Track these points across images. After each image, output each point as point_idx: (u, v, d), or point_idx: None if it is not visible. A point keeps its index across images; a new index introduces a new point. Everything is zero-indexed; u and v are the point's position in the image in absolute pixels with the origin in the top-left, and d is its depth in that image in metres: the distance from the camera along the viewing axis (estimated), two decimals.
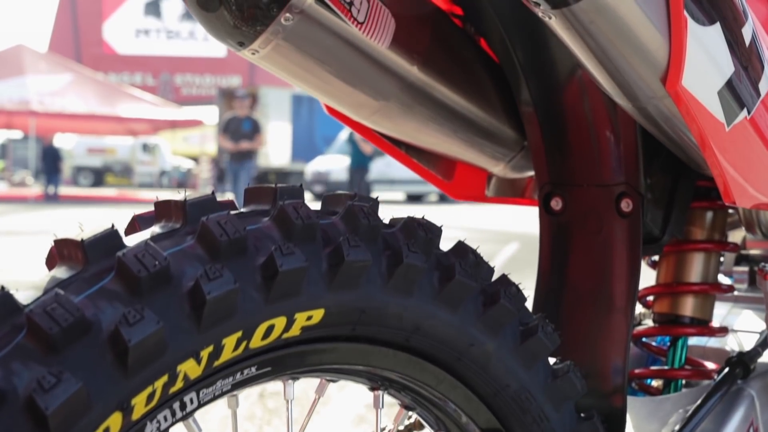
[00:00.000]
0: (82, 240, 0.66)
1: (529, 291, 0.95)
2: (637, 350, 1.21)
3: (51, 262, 0.70)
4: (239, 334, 0.67)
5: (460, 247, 0.83)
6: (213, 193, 0.73)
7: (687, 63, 0.74)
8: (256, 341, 0.68)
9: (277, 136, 22.07)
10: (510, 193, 1.20)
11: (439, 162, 1.13)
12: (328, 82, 0.95)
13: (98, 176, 29.56)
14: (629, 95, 0.83)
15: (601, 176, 1.00)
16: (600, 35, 0.73)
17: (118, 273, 0.63)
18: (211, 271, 0.64)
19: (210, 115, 25.17)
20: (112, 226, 0.69)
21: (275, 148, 26.17)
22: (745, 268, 1.44)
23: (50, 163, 20.68)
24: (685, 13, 0.72)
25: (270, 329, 0.69)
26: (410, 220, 0.79)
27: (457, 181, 1.15)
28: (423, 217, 0.82)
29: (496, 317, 0.81)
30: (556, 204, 1.04)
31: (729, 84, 0.80)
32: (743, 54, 0.81)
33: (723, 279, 1.29)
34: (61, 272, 0.66)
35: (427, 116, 1.00)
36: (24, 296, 0.63)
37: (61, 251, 0.68)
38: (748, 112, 0.84)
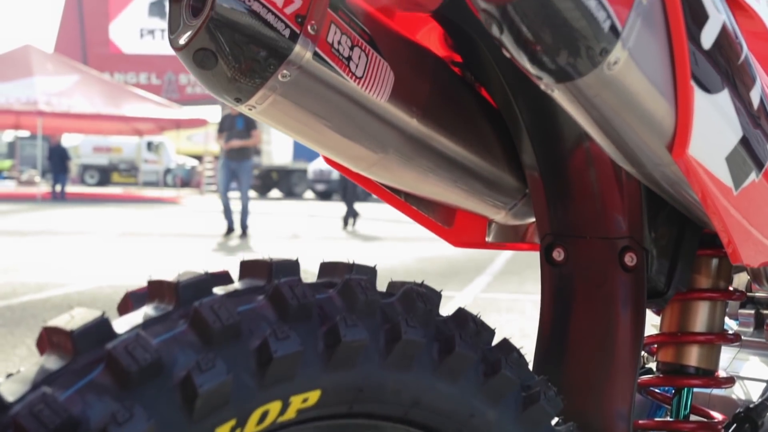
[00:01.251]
0: (71, 330, 0.63)
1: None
2: (640, 396, 1.18)
3: (42, 347, 0.67)
4: (233, 422, 0.64)
5: (460, 315, 0.79)
6: (206, 272, 0.70)
7: (694, 131, 0.71)
8: (251, 427, 0.65)
9: (279, 135, 22.03)
10: (511, 238, 1.17)
11: (438, 209, 1.09)
12: (326, 135, 0.92)
13: (104, 174, 29.57)
14: (634, 162, 0.80)
15: (604, 229, 0.97)
16: (605, 107, 0.69)
17: (107, 366, 0.60)
18: (203, 362, 0.61)
19: (214, 114, 25.15)
20: (102, 314, 0.65)
21: (277, 147, 26.11)
22: (751, 311, 1.40)
23: (58, 162, 20.68)
24: (692, 82, 0.69)
25: (265, 415, 0.66)
26: (409, 290, 0.76)
27: (457, 228, 1.12)
28: (423, 283, 0.79)
29: (498, 387, 0.78)
30: (558, 255, 1.01)
31: (737, 148, 0.77)
32: (752, 117, 0.78)
33: (729, 322, 1.26)
34: (49, 362, 0.62)
35: (427, 167, 0.97)
36: (11, 390, 0.60)
37: (51, 339, 0.65)
38: (757, 174, 0.81)
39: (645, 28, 0.65)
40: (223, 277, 0.73)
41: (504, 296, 6.15)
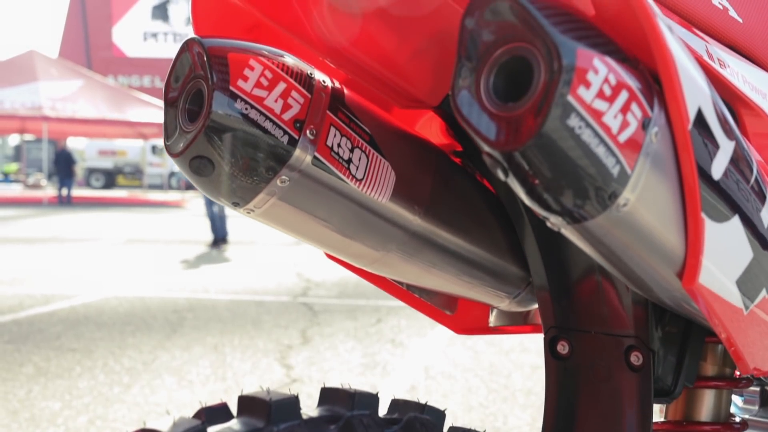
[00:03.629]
0: None
1: None
2: None
3: None
4: None
5: None
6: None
7: (704, 261, 0.67)
8: None
9: None
10: (515, 321, 1.14)
11: (441, 295, 1.06)
12: (325, 235, 0.89)
13: (110, 177, 29.57)
14: (642, 287, 0.77)
15: (609, 325, 0.94)
16: (613, 244, 0.66)
17: None
18: None
19: None
20: None
21: None
22: (756, 388, 1.37)
23: (64, 166, 20.68)
24: (702, 214, 0.66)
25: None
26: (412, 419, 0.73)
27: (459, 315, 1.09)
28: (426, 405, 0.76)
29: None
30: (563, 348, 0.97)
31: (748, 270, 0.74)
32: (763, 238, 0.75)
33: (734, 398, 1.23)
34: None
35: (430, 262, 0.94)
36: None
37: None
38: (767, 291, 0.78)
39: (655, 167, 0.62)
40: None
41: None
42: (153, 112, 21.83)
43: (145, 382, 3.98)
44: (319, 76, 0.83)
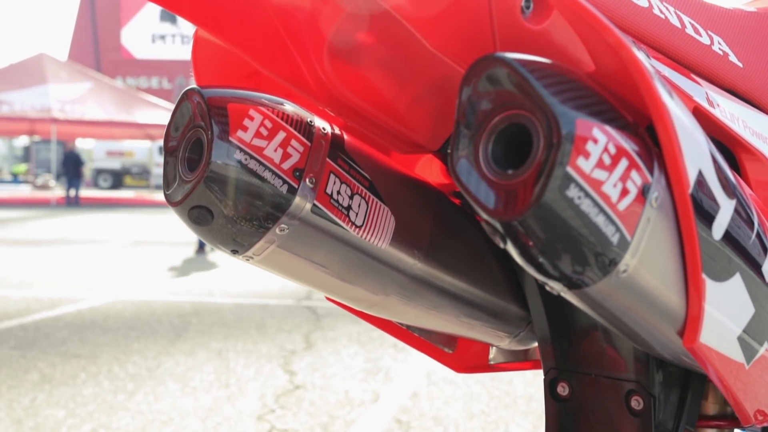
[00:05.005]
0: None
1: None
2: None
3: None
4: None
5: None
6: None
7: (705, 321, 0.66)
8: None
9: None
10: (515, 359, 1.13)
11: (440, 334, 1.05)
12: (325, 280, 0.88)
13: (117, 178, 29.62)
14: (643, 345, 0.76)
15: (610, 368, 0.92)
16: (613, 306, 0.65)
17: None
18: None
19: None
20: None
21: None
22: (758, 427, 1.35)
23: (72, 168, 20.70)
24: (704, 275, 0.64)
25: None
26: None
27: (459, 353, 1.07)
28: None
29: None
30: (563, 390, 0.96)
31: (749, 326, 0.72)
32: (764, 292, 0.73)
33: None
34: None
35: (429, 304, 0.93)
36: None
37: None
38: None
39: (655, 232, 0.61)
40: None
41: None
42: (160, 113, 21.85)
43: (149, 389, 3.98)
44: (319, 123, 0.82)
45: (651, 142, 0.62)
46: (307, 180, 0.79)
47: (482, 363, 1.11)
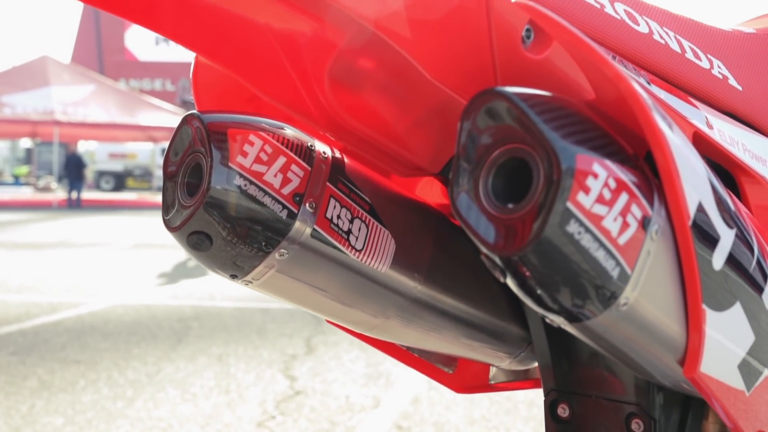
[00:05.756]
0: None
1: None
2: None
3: None
4: None
5: None
6: None
7: (705, 351, 0.66)
8: None
9: None
10: (515, 378, 1.12)
11: (440, 354, 1.05)
12: (324, 304, 0.88)
13: (119, 180, 29.63)
14: (643, 374, 0.75)
15: (610, 390, 0.92)
16: (614, 338, 0.65)
17: None
18: None
19: None
20: None
21: None
22: None
23: (74, 170, 20.71)
24: (704, 305, 0.64)
25: None
26: None
27: (459, 373, 1.07)
28: None
29: None
30: (563, 411, 0.96)
31: (750, 353, 0.72)
32: (764, 319, 0.73)
33: None
34: None
35: (430, 326, 0.92)
36: None
37: None
38: None
39: (655, 264, 0.60)
40: None
41: None
42: (163, 116, 21.86)
43: (149, 395, 3.97)
44: (320, 146, 0.82)
45: (651, 172, 0.62)
46: (307, 205, 0.79)
47: (482, 383, 1.10)
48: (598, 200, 0.56)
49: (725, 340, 0.68)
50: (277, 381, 4.30)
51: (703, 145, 0.79)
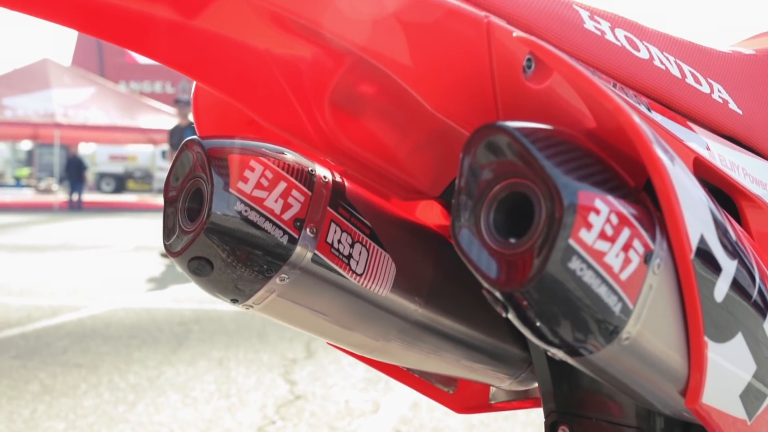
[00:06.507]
0: None
1: None
2: None
3: None
4: None
5: None
6: None
7: (707, 382, 0.65)
8: None
9: None
10: (516, 398, 1.12)
11: (440, 375, 1.04)
12: (325, 327, 0.87)
13: (120, 182, 29.61)
14: (644, 404, 0.75)
15: (611, 412, 0.92)
16: (615, 371, 0.64)
17: None
18: None
19: None
20: None
21: None
22: None
23: (75, 173, 20.71)
24: (706, 338, 0.64)
25: None
26: None
27: (459, 393, 1.07)
28: None
29: None
30: None
31: (751, 383, 0.72)
32: (766, 348, 0.72)
33: None
34: None
35: (430, 349, 0.92)
36: None
37: None
38: None
39: (657, 298, 0.60)
40: None
41: None
42: (163, 118, 21.85)
43: (150, 399, 3.96)
44: (320, 171, 0.81)
45: (652, 204, 0.61)
46: (308, 230, 0.79)
47: (482, 402, 1.10)
48: (601, 236, 0.55)
49: (727, 370, 0.68)
50: (277, 385, 4.29)
51: (703, 170, 0.79)
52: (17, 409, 3.77)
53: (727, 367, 0.68)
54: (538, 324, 0.58)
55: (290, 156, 0.80)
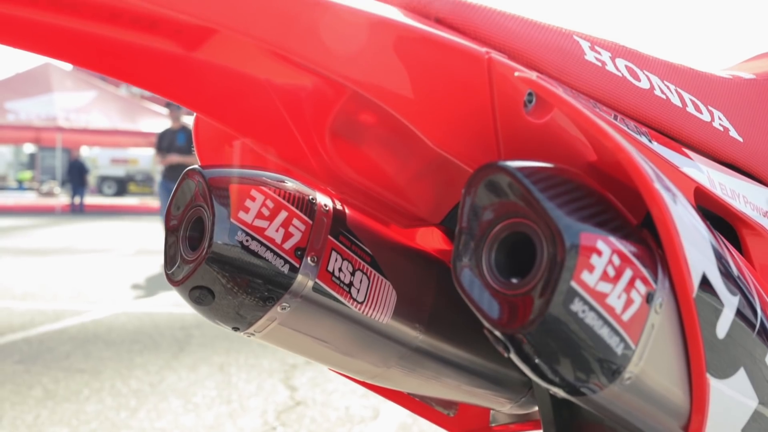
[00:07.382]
0: None
1: None
2: None
3: None
4: None
5: None
6: None
7: (709, 418, 0.65)
8: None
9: None
10: (517, 420, 1.11)
11: (441, 398, 1.04)
12: (326, 354, 0.87)
13: (121, 185, 29.60)
14: None
15: None
16: (617, 409, 0.63)
17: None
18: None
19: None
20: None
21: None
22: None
23: (76, 176, 20.71)
24: (708, 375, 0.63)
25: None
26: None
27: (460, 416, 1.06)
28: None
29: None
30: None
31: (753, 417, 0.71)
32: (767, 381, 0.72)
33: None
34: None
35: (431, 375, 0.91)
36: None
37: None
38: None
39: (659, 337, 0.59)
40: None
41: None
42: (163, 122, 21.84)
43: (152, 405, 3.95)
44: (321, 199, 0.81)
45: (654, 242, 0.61)
46: (309, 259, 0.78)
47: (483, 425, 1.09)
48: (603, 278, 0.55)
49: (729, 405, 0.67)
50: (277, 391, 4.28)
51: (705, 199, 0.78)
52: (21, 414, 3.76)
53: (730, 403, 0.67)
54: (540, 364, 0.57)
55: (291, 185, 0.79)
